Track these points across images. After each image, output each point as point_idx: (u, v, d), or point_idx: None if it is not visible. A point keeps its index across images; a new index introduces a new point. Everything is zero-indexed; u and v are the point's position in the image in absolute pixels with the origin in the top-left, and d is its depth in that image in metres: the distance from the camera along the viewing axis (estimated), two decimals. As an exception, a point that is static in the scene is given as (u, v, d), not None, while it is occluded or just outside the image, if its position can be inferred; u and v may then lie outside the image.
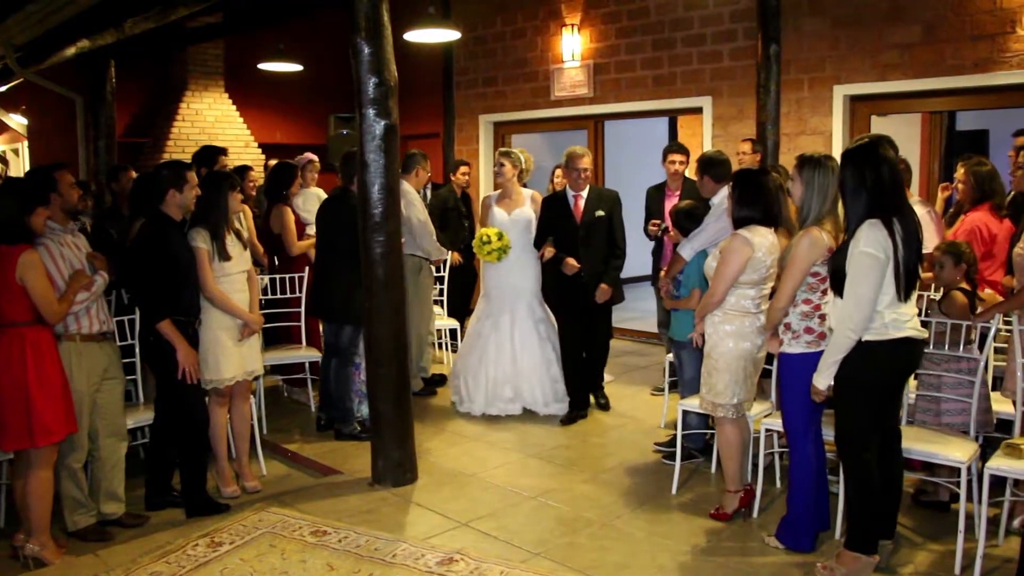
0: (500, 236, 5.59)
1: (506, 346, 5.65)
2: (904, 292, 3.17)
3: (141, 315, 4.17)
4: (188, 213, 4.11)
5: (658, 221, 5.92)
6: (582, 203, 5.46)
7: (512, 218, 5.72)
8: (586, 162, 5.45)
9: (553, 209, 5.53)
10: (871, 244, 3.09)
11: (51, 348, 3.63)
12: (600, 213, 5.41)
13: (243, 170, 6.20)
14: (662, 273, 4.81)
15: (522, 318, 5.70)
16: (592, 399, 5.79)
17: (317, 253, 5.46)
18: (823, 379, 3.25)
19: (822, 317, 3.44)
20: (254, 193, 6.38)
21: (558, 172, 6.93)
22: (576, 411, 5.58)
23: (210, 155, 5.75)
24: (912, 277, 3.19)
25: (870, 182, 3.13)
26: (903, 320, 3.19)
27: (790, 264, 3.40)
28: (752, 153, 6.09)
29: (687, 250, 4.47)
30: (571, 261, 5.33)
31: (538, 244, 5.56)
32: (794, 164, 3.50)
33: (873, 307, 3.13)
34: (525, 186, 6.07)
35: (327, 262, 5.26)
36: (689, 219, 4.60)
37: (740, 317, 3.75)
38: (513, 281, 5.73)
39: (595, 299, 5.37)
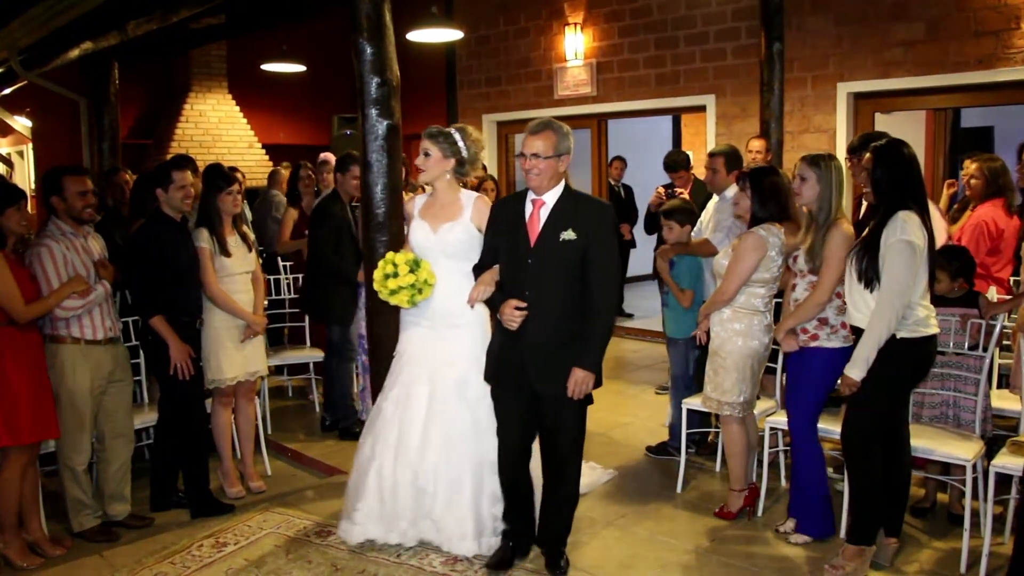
0: (414, 265, 3.52)
1: (415, 433, 3.56)
2: (928, 286, 3.22)
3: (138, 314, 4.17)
4: (179, 213, 4.09)
5: (661, 188, 5.85)
6: (543, 214, 3.25)
7: (439, 236, 3.59)
8: (537, 144, 3.17)
9: (503, 217, 3.37)
10: (909, 232, 3.10)
11: (20, 352, 3.55)
12: (568, 236, 3.16)
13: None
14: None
15: (447, 393, 3.57)
16: (538, 551, 3.51)
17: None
18: (858, 371, 3.21)
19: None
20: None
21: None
22: (508, 551, 3.45)
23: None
24: (932, 273, 3.24)
25: (904, 180, 3.17)
26: (931, 315, 3.22)
27: (829, 259, 3.40)
28: (766, 153, 6.00)
29: (719, 243, 4.44)
30: (514, 306, 3.21)
31: (479, 271, 3.45)
32: (802, 163, 3.51)
33: (910, 296, 3.14)
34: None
35: (310, 261, 5.38)
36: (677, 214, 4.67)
37: (749, 315, 3.74)
38: (437, 335, 3.65)
39: (566, 389, 3.18)
